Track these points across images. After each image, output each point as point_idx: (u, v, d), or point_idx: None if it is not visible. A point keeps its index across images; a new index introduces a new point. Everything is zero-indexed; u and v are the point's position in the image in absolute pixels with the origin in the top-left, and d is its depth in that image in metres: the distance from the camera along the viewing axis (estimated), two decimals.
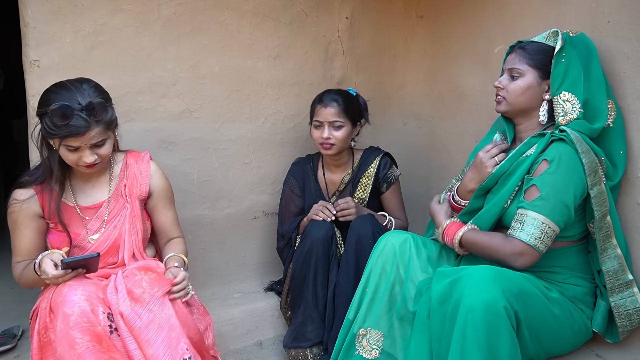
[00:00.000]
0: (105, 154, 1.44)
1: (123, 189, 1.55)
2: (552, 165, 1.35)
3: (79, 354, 1.22)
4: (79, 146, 1.37)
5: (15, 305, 2.09)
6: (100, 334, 1.26)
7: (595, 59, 1.47)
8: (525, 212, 1.34)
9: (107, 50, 1.81)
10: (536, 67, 1.47)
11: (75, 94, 1.36)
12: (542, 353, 1.38)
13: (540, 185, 1.34)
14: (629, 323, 1.43)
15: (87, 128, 1.34)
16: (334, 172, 2.06)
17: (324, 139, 1.91)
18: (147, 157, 1.63)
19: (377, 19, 2.40)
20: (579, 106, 1.42)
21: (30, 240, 1.48)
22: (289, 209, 2.05)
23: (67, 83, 1.40)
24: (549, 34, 1.49)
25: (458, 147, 1.94)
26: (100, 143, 1.41)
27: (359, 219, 1.81)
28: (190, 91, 2.00)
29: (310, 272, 1.80)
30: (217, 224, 2.14)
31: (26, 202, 1.45)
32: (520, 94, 1.48)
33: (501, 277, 1.25)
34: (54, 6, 1.69)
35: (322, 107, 1.93)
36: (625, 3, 1.48)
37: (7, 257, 2.78)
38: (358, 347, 1.53)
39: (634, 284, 1.43)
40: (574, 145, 1.36)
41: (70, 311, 1.24)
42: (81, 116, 1.33)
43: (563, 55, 1.44)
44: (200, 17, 1.97)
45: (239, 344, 1.97)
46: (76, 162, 1.41)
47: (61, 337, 1.23)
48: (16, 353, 1.70)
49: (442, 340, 1.28)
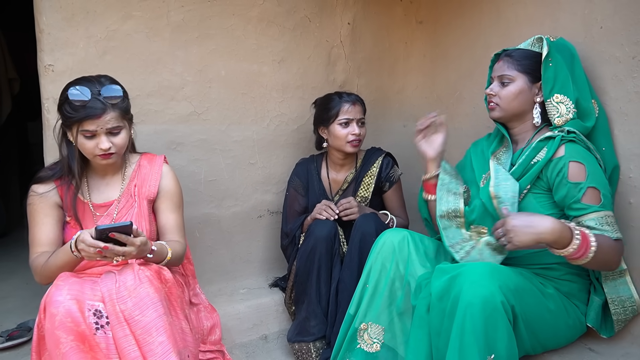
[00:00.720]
0: (121, 143, 1.48)
1: (133, 188, 1.58)
2: (587, 165, 1.37)
3: (63, 354, 1.23)
4: (96, 131, 1.42)
5: (31, 300, 2.13)
6: (84, 334, 1.26)
7: (577, 61, 1.51)
8: (605, 213, 1.36)
9: (118, 55, 1.84)
10: (525, 72, 1.50)
11: (94, 83, 1.45)
12: (538, 347, 1.40)
13: (597, 185, 1.36)
14: (623, 311, 1.45)
15: (104, 110, 1.41)
16: (338, 171, 2.08)
17: (355, 135, 1.93)
18: (160, 160, 1.65)
19: (378, 25, 2.42)
20: (572, 106, 1.46)
21: (50, 228, 1.49)
22: (293, 208, 2.07)
23: (87, 76, 1.49)
24: (533, 40, 1.54)
25: (456, 148, 1.97)
26: (116, 130, 1.46)
27: (362, 218, 1.82)
28: (198, 94, 2.03)
29: (313, 269, 1.82)
30: (224, 223, 2.16)
31: (46, 194, 1.49)
32: (513, 99, 1.51)
33: (498, 274, 1.27)
34: (67, 13, 1.73)
35: (351, 105, 1.94)
36: (618, 9, 1.52)
37: (22, 254, 2.88)
38: (359, 341, 1.55)
39: (627, 272, 1.45)
40: (586, 143, 1.41)
41: (55, 311, 1.24)
42: (98, 99, 1.41)
43: (550, 60, 1.47)
44: (208, 23, 2.00)
45: (245, 338, 2.00)
46: (93, 152, 1.45)
47: (48, 336, 1.25)
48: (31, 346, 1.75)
49: (441, 334, 1.30)
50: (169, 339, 1.31)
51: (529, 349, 1.38)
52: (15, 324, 1.88)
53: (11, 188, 3.46)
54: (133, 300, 1.30)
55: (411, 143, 2.49)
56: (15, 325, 1.86)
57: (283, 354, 1.98)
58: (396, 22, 2.47)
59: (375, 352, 1.53)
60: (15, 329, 1.83)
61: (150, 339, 1.29)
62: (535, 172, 1.44)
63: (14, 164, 3.56)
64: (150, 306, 1.31)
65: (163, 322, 1.31)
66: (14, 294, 2.23)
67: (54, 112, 1.74)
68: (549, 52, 1.48)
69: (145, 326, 1.29)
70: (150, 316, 1.30)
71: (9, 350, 1.72)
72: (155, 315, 1.31)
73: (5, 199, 3.31)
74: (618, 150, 1.54)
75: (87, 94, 1.40)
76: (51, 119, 1.75)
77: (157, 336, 1.30)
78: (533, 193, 1.46)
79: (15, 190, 3.47)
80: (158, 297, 1.33)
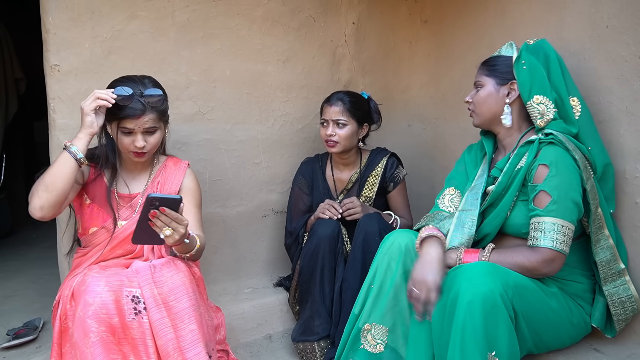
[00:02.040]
0: (154, 143, 1.55)
1: (156, 185, 1.64)
2: (552, 168, 1.37)
3: (92, 343, 1.26)
4: (133, 129, 1.49)
5: (37, 299, 2.15)
6: (115, 326, 1.30)
7: (552, 61, 1.50)
8: (542, 219, 1.34)
9: (124, 55, 1.85)
10: (492, 76, 1.53)
11: (137, 84, 1.51)
12: (541, 346, 1.40)
13: (549, 190, 1.35)
14: (623, 311, 1.45)
15: (143, 112, 1.48)
16: (342, 170, 2.09)
17: (327, 135, 1.96)
18: (184, 164, 1.72)
19: (383, 24, 2.42)
20: (552, 106, 1.46)
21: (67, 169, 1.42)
22: (298, 207, 2.08)
23: (131, 76, 1.56)
24: (506, 46, 1.56)
25: (461, 148, 1.96)
26: (152, 130, 1.53)
27: (366, 217, 1.83)
28: (203, 94, 2.03)
29: (317, 269, 1.83)
30: (228, 222, 2.17)
31: None
32: (482, 103, 1.54)
33: (498, 271, 1.27)
34: (73, 13, 1.74)
35: (328, 106, 1.98)
36: (624, 8, 1.51)
37: (28, 253, 2.91)
38: (363, 342, 1.54)
39: (626, 272, 1.46)
40: (564, 144, 1.39)
41: (91, 300, 1.28)
42: (140, 101, 1.48)
43: (523, 63, 1.48)
44: (213, 22, 2.00)
45: (249, 337, 2.00)
46: (128, 147, 1.52)
47: (78, 324, 1.27)
48: (37, 344, 1.75)
49: (442, 332, 1.30)
50: (199, 329, 1.38)
51: (531, 348, 1.38)
52: (22, 323, 1.89)
53: (17, 187, 3.48)
54: (169, 286, 1.38)
55: (415, 143, 2.54)
56: (22, 324, 1.88)
57: (287, 353, 1.99)
58: (401, 21, 2.47)
59: (379, 352, 1.52)
60: (21, 327, 1.84)
61: (182, 325, 1.36)
62: (519, 179, 1.45)
63: (20, 163, 3.58)
64: (184, 295, 1.38)
65: (194, 312, 1.39)
66: (20, 293, 2.25)
67: (59, 111, 1.76)
68: (520, 54, 1.50)
69: (178, 312, 1.36)
70: (183, 304, 1.38)
71: (15, 349, 1.73)
72: (188, 304, 1.38)
73: (11, 199, 3.33)
74: (624, 149, 1.53)
75: (130, 93, 1.47)
76: (57, 119, 1.76)
77: (189, 324, 1.36)
78: (522, 200, 1.47)
79: (21, 189, 3.49)
80: (191, 287, 1.41)
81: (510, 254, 1.39)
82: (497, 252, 1.42)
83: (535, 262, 1.34)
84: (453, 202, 1.63)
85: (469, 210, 1.53)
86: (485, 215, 1.53)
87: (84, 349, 1.26)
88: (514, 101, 1.51)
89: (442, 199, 1.66)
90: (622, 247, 1.51)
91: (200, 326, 1.39)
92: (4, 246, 3.01)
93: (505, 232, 1.50)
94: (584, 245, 1.50)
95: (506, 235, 1.51)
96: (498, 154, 1.62)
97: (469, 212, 1.53)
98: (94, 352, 1.26)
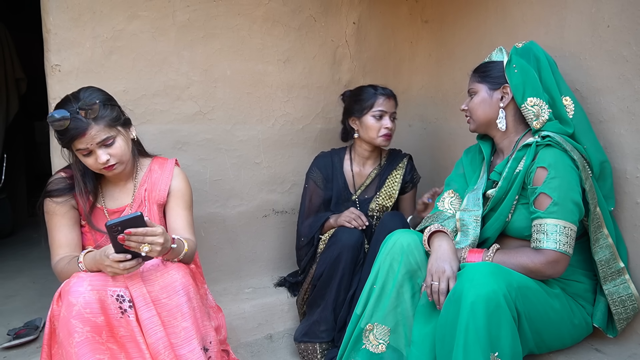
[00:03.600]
0: (119, 152, 1.46)
1: (143, 193, 1.59)
2: (550, 170, 1.37)
3: (76, 343, 1.24)
4: (87, 147, 1.41)
5: (38, 298, 2.15)
6: (100, 326, 1.28)
7: (543, 63, 1.51)
8: (544, 221, 1.35)
9: (125, 55, 1.85)
10: (484, 82, 1.55)
11: (70, 102, 1.41)
12: (543, 346, 1.40)
13: (549, 192, 1.35)
14: (624, 310, 1.45)
15: (86, 127, 1.39)
16: (363, 165, 2.07)
17: (388, 129, 1.93)
18: (171, 164, 1.66)
19: (384, 24, 2.43)
20: (547, 107, 1.47)
21: (70, 229, 1.51)
22: (312, 202, 2.04)
23: (67, 95, 1.46)
24: (496, 51, 1.57)
25: (462, 147, 1.96)
26: (109, 142, 1.44)
27: (389, 216, 1.81)
28: (204, 94, 2.03)
29: (336, 277, 1.80)
30: (229, 222, 2.17)
31: (62, 203, 1.51)
32: (477, 109, 1.56)
33: (501, 272, 1.27)
34: (74, 13, 1.74)
35: (387, 99, 1.95)
36: (625, 8, 1.51)
37: (29, 253, 2.91)
38: (365, 342, 1.54)
39: (625, 271, 1.46)
40: (561, 146, 1.39)
41: (75, 301, 1.26)
42: (78, 118, 1.38)
43: (514, 67, 1.49)
44: (213, 22, 2.01)
45: (250, 337, 2.01)
46: (95, 166, 1.46)
47: (63, 325, 1.26)
48: (38, 344, 1.75)
49: (445, 333, 1.30)
50: (193, 325, 1.36)
51: (533, 348, 1.38)
52: (23, 323, 1.90)
53: (18, 187, 3.48)
54: (160, 284, 1.36)
55: (416, 143, 2.53)
56: (23, 324, 1.88)
57: (288, 353, 1.99)
58: (401, 21, 2.47)
59: (381, 353, 1.52)
60: (22, 327, 1.85)
61: (175, 323, 1.35)
62: (518, 182, 1.45)
63: (21, 163, 3.58)
64: (178, 291, 1.37)
65: (188, 308, 1.37)
66: (21, 293, 2.25)
67: None
68: (510, 58, 1.51)
69: (170, 310, 1.35)
70: (176, 301, 1.36)
71: (16, 349, 1.73)
72: (181, 301, 1.36)
73: (13, 199, 3.33)
74: (625, 149, 1.53)
75: (65, 115, 1.38)
76: None
77: (182, 321, 1.36)
78: (522, 204, 1.47)
79: (23, 189, 3.49)
80: (185, 283, 1.39)
81: (514, 255, 1.39)
82: (501, 252, 1.42)
83: (539, 264, 1.35)
84: (453, 205, 1.64)
85: (471, 211, 1.54)
86: (486, 220, 1.54)
87: (68, 348, 1.25)
88: (507, 105, 1.53)
89: (442, 201, 1.67)
90: (622, 246, 1.51)
91: (195, 322, 1.37)
92: (5, 246, 3.01)
93: (507, 234, 1.51)
94: (585, 245, 1.50)
95: (509, 237, 1.51)
96: (496, 157, 1.62)
97: (472, 212, 1.53)
98: (79, 352, 1.24)
